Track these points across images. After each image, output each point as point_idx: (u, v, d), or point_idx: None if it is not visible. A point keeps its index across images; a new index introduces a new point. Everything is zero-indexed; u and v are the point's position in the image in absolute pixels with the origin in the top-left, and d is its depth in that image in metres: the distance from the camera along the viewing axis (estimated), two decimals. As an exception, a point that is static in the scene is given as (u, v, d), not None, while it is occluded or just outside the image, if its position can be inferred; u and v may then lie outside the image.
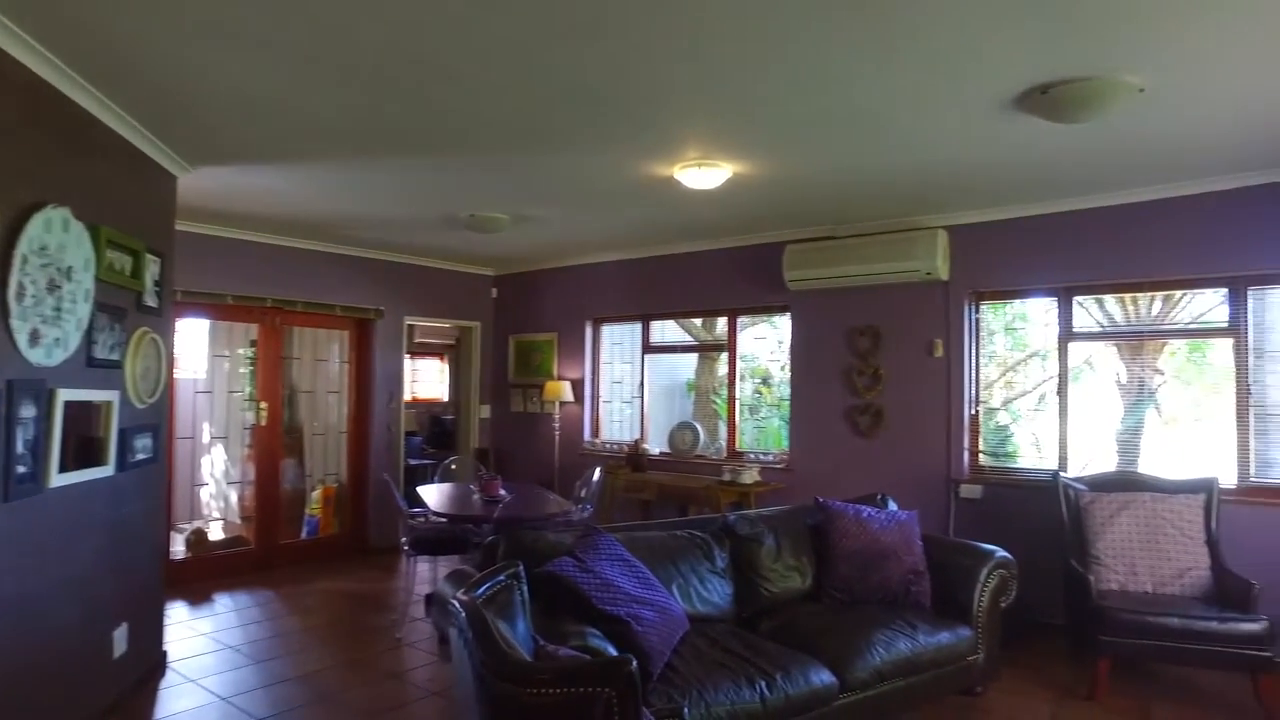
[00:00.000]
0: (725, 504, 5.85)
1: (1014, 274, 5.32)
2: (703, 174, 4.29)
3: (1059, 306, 5.25)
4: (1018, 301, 5.58)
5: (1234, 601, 3.87)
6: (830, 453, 5.98)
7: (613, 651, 2.62)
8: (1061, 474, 4.69)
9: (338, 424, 7.18)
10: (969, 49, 2.87)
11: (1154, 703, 3.84)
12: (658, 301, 7.03)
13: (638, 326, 7.32)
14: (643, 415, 7.26)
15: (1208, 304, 5.21)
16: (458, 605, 1.71)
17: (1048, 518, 4.79)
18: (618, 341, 7.57)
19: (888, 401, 5.75)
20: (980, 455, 5.52)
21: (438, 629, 4.18)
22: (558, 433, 7.47)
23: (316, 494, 7.02)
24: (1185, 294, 5.20)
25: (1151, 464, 5.05)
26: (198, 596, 5.57)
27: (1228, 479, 4.56)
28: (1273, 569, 4.22)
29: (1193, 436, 5.50)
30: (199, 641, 4.66)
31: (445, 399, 10.69)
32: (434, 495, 5.40)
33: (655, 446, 7.10)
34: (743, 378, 6.86)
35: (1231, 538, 4.31)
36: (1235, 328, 4.72)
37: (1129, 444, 5.55)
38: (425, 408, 10.50)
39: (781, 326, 6.75)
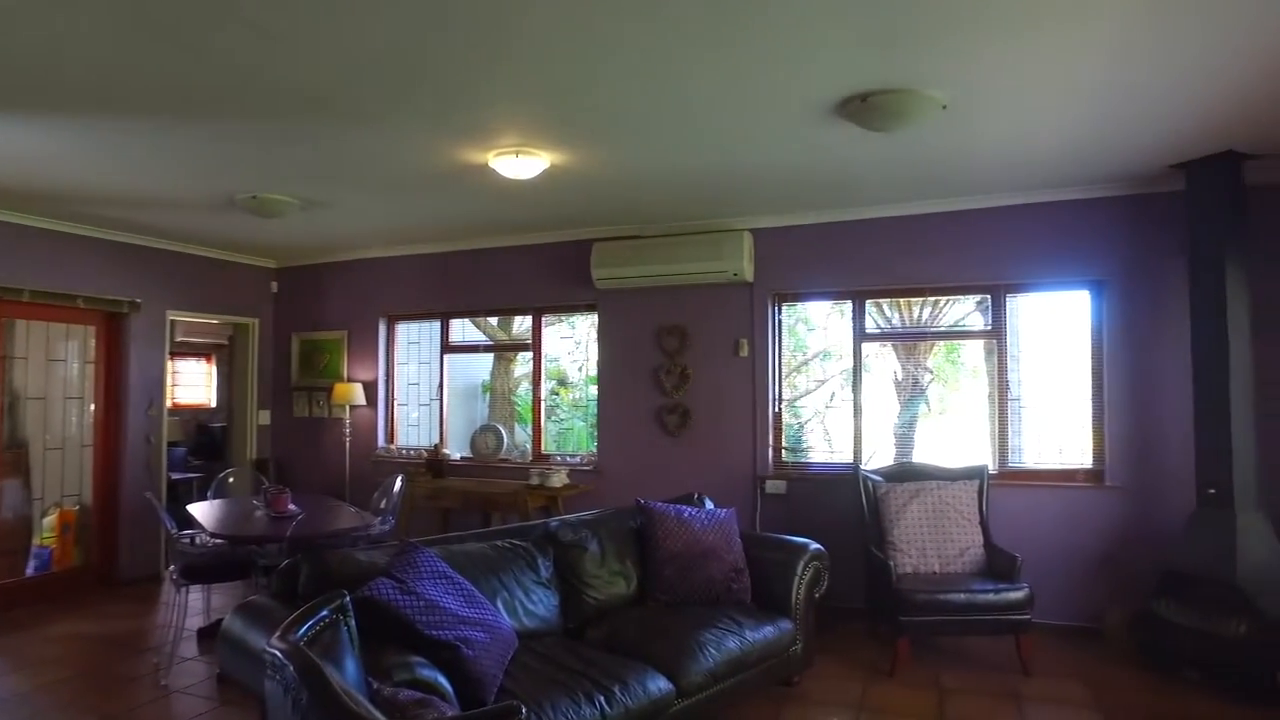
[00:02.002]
0: (534, 509, 5.67)
1: (814, 277, 5.59)
2: (520, 163, 4.07)
3: (853, 309, 5.60)
4: (809, 303, 5.87)
5: (1002, 573, 4.29)
6: (639, 453, 5.98)
7: (444, 681, 2.35)
8: (861, 467, 4.98)
9: (79, 436, 6.09)
10: (802, 51, 2.92)
11: (942, 672, 4.16)
12: (460, 299, 6.68)
13: (437, 325, 6.92)
14: (442, 418, 6.87)
15: (964, 310, 5.81)
16: (280, 655, 1.39)
17: (846, 509, 5.09)
18: (415, 341, 7.11)
19: (695, 401, 5.84)
20: (783, 452, 5.76)
21: (223, 669, 3.61)
22: (348, 439, 6.87)
23: (50, 520, 5.90)
24: (948, 300, 5.77)
25: (924, 454, 5.54)
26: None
27: (986, 464, 5.04)
28: (1028, 542, 4.76)
29: (957, 428, 6.12)
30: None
31: (213, 404, 9.53)
32: (208, 514, 4.70)
33: (456, 451, 6.74)
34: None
35: (996, 517, 4.80)
36: (996, 331, 5.28)
37: (905, 436, 6.07)
38: (190, 415, 9.29)
39: (581, 326, 6.67)
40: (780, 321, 5.82)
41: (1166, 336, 4.71)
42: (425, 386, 6.99)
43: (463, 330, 7.01)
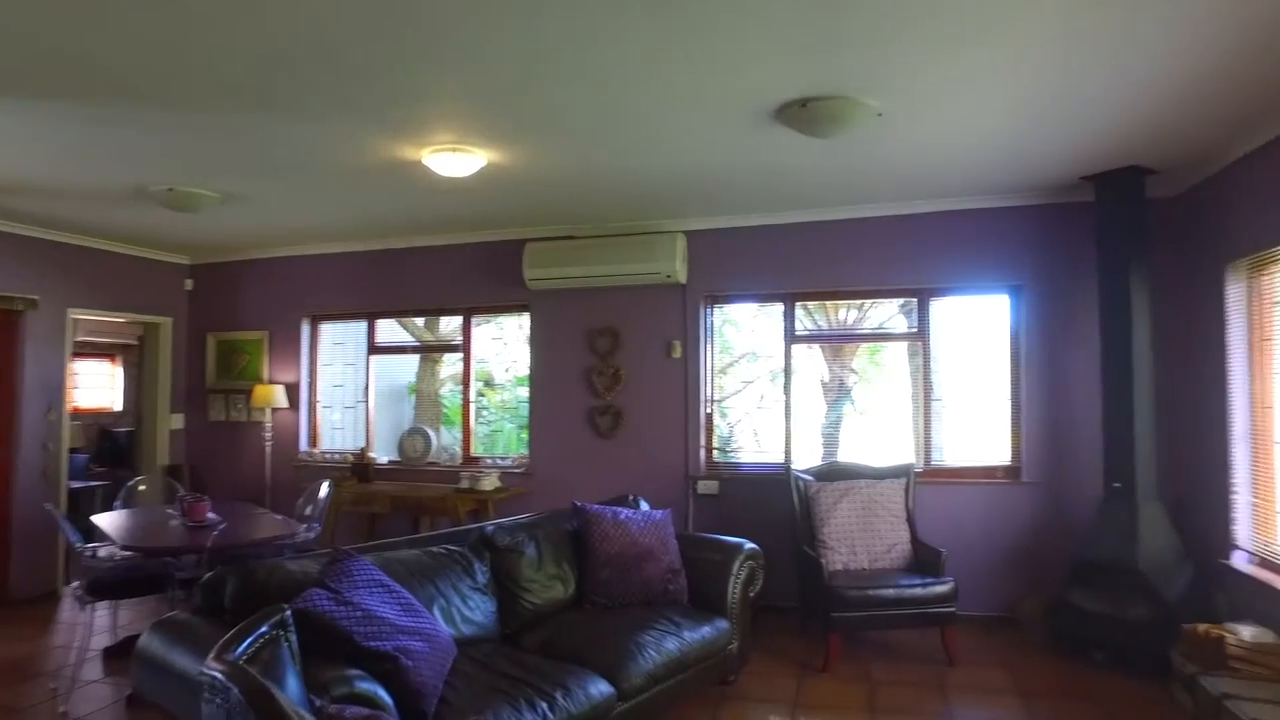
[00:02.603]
0: (465, 513, 5.59)
1: (746, 279, 5.67)
2: (457, 160, 4.00)
3: (784, 311, 5.70)
4: (735, 304, 5.93)
5: (928, 568, 4.44)
6: (571, 455, 5.95)
7: (383, 694, 2.28)
8: (793, 467, 5.07)
9: (-34, 443, 5.68)
10: (744, 55, 2.95)
11: (872, 665, 4.29)
12: (388, 298, 6.51)
13: (363, 325, 6.73)
14: (368, 421, 6.69)
15: (888, 312, 6.00)
16: (221, 676, 1.31)
17: (776, 508, 5.17)
18: (340, 341, 6.89)
19: (627, 402, 5.85)
20: (715, 452, 5.82)
21: (136, 691, 3.41)
22: (269, 444, 6.62)
23: (-70, 535, 5.48)
24: (872, 303, 5.94)
25: (849, 454, 5.68)
26: None
27: (913, 462, 5.21)
28: (951, 537, 4.94)
29: (880, 428, 6.30)
30: None
31: (118, 408, 9.03)
32: (117, 524, 4.44)
33: (383, 455, 6.57)
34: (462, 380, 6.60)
35: (921, 514, 4.97)
36: (921, 333, 5.46)
37: (831, 436, 6.21)
38: (92, 420, 8.77)
39: (508, 326, 6.60)
40: (712, 323, 5.89)
41: (1078, 339, 4.96)
42: (351, 388, 6.79)
43: (390, 331, 6.83)
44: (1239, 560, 4.16)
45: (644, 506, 4.40)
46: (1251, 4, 2.60)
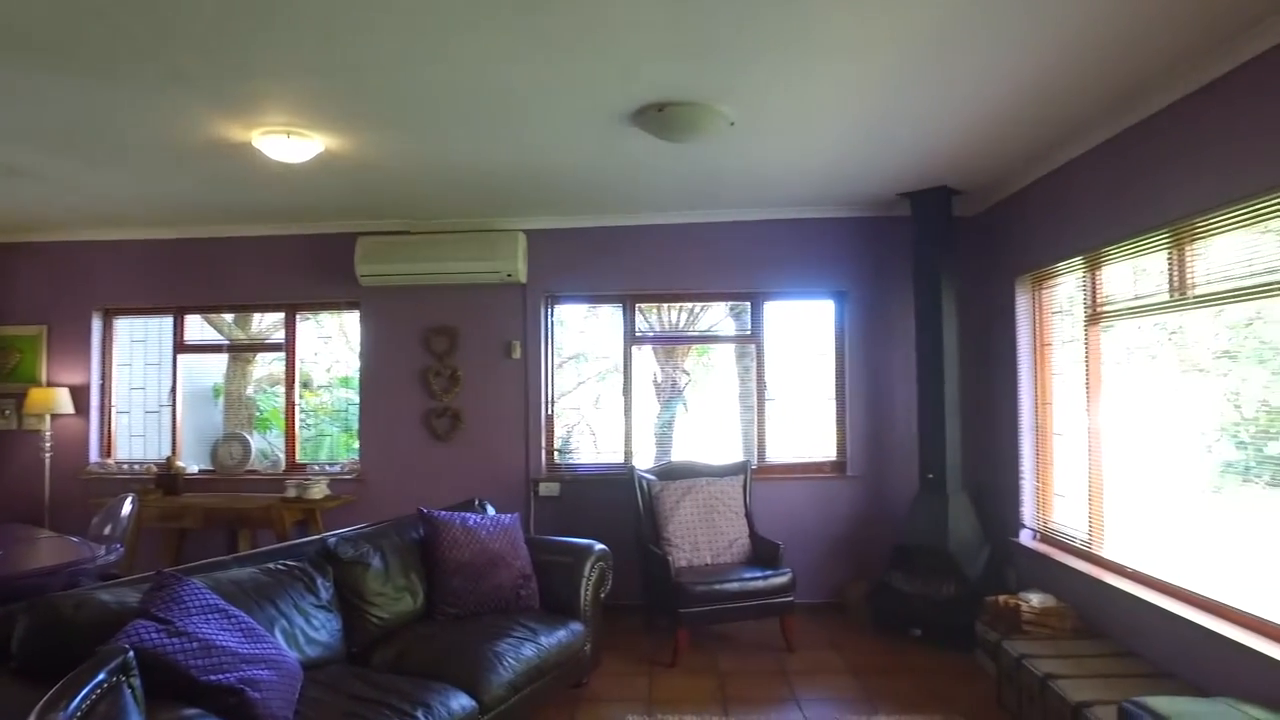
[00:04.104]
0: (290, 524, 5.20)
1: (587, 280, 5.68)
2: (291, 144, 3.70)
3: (624, 312, 5.77)
4: (570, 305, 5.92)
5: (767, 560, 4.66)
6: (407, 459, 5.70)
7: (230, 732, 2.06)
8: (636, 467, 5.14)
9: None
10: (606, 54, 2.95)
11: (718, 657, 4.44)
12: (199, 292, 5.91)
13: (169, 320, 6.07)
14: (174, 427, 6.05)
15: (718, 315, 6.23)
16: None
17: (617, 508, 5.24)
18: (140, 339, 6.17)
19: (466, 404, 5.69)
20: (555, 454, 5.79)
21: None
22: (49, 455, 5.80)
23: None
24: (703, 306, 6.14)
25: (682, 453, 5.85)
26: None
27: (750, 459, 5.46)
28: (785, 530, 5.23)
29: (711, 427, 6.52)
30: None
31: None
32: None
33: (193, 464, 5.97)
34: (278, 381, 6.15)
35: (758, 509, 5.21)
36: (754, 335, 5.72)
37: (664, 436, 6.37)
38: None
39: (330, 325, 6.23)
40: (553, 324, 5.85)
41: (895, 343, 5.41)
42: (154, 391, 6.09)
43: (202, 328, 6.21)
44: (1025, 537, 4.71)
45: (490, 511, 4.31)
46: (1030, 62, 3.08)
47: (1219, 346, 3.33)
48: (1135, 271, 3.78)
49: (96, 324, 6.01)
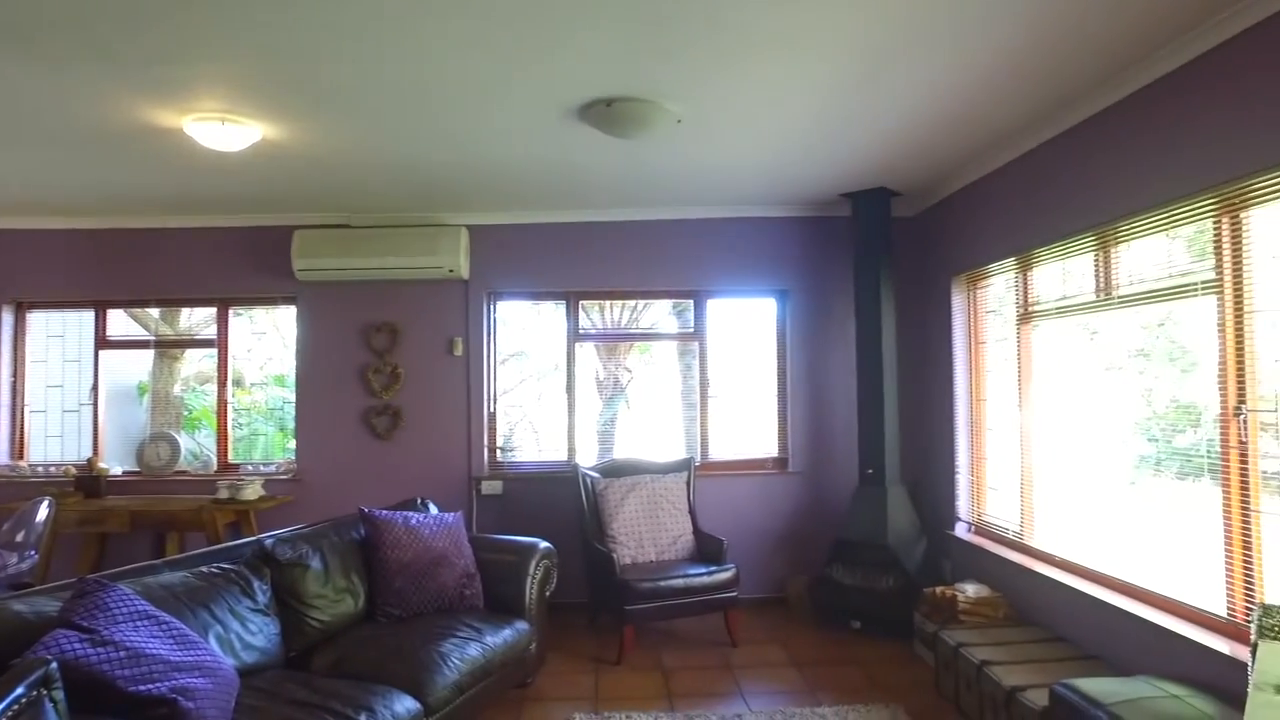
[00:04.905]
0: (223, 526, 5.02)
1: (530, 276, 5.63)
2: (225, 132, 3.56)
3: (568, 309, 5.73)
4: (512, 301, 5.83)
5: (711, 556, 4.70)
6: (345, 458, 5.56)
7: (164, 743, 1.98)
8: (580, 465, 5.12)
9: None
10: (554, 47, 2.92)
11: (663, 653, 4.45)
12: (123, 285, 5.63)
13: (90, 315, 5.79)
14: (96, 427, 5.77)
15: (660, 312, 6.26)
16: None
17: (560, 506, 5.22)
18: (57, 334, 5.87)
19: (407, 401, 5.58)
20: (498, 452, 5.72)
21: None
22: (-47, 457, 5.48)
23: None
24: (645, 303, 6.16)
25: (624, 450, 5.86)
26: None
27: (693, 457, 5.49)
28: (728, 526, 5.28)
29: (653, 424, 6.55)
30: None
31: None
32: None
33: (116, 465, 5.71)
34: (208, 379, 5.95)
35: (702, 505, 5.25)
36: (697, 333, 5.76)
37: (607, 434, 6.37)
38: None
39: (264, 321, 6.05)
40: (495, 320, 5.78)
41: (836, 341, 5.51)
42: (73, 389, 5.80)
43: (126, 323, 5.94)
44: (961, 530, 4.86)
45: (433, 510, 4.24)
46: (964, 71, 3.20)
47: (1134, 346, 3.50)
48: (1064, 273, 3.93)
49: (7, 317, 5.68)
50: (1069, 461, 3.91)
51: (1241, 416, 2.81)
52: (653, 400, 6.72)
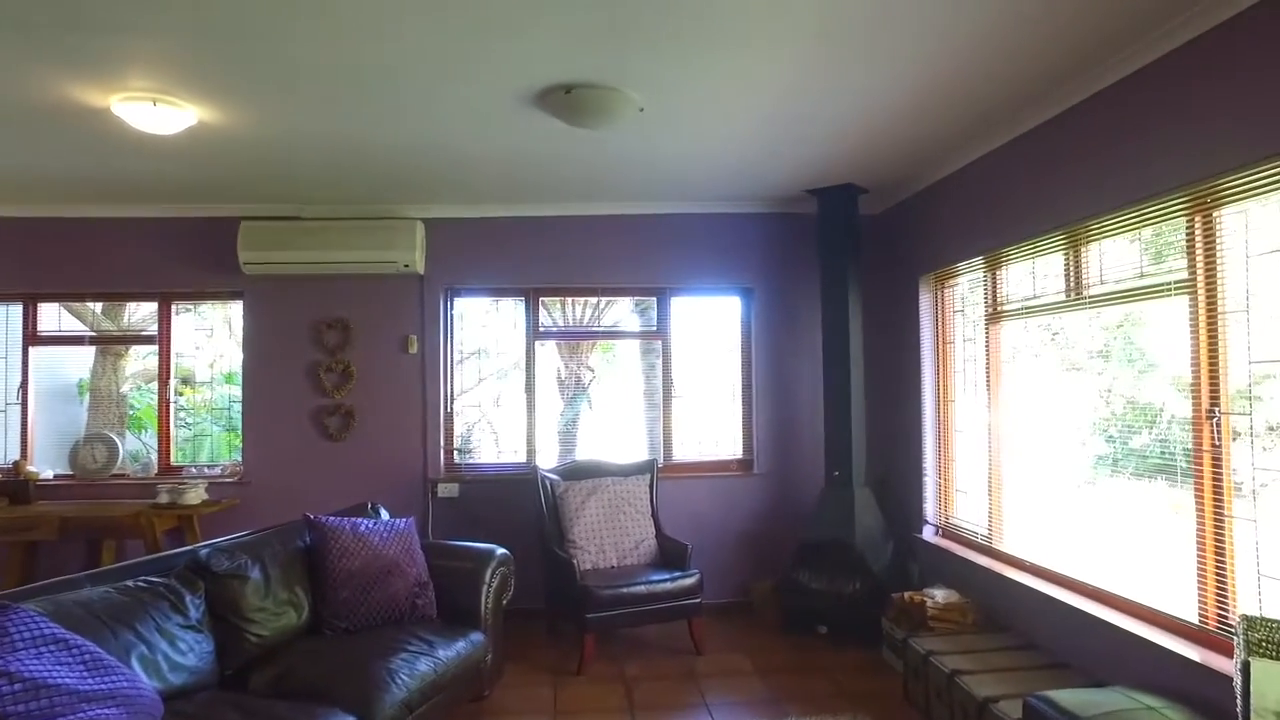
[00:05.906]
0: (162, 532, 4.75)
1: (489, 272, 5.44)
2: (158, 113, 3.32)
3: (527, 306, 5.56)
4: (469, 298, 5.65)
5: (675, 562, 4.56)
6: (295, 460, 5.33)
7: (66, 783, 1.78)
8: (539, 467, 4.95)
9: None
10: (512, 30, 2.76)
11: (625, 663, 4.31)
12: (56, 278, 5.33)
13: (18, 309, 5.47)
14: (25, 428, 5.46)
15: (623, 310, 6.11)
16: None
17: (519, 509, 5.05)
18: (-18, 329, 5.54)
19: (360, 401, 5.37)
20: (455, 453, 5.53)
21: None
22: None
23: None
24: (608, 301, 6.01)
25: (586, 451, 5.71)
26: None
27: (656, 458, 5.35)
28: (692, 529, 5.16)
29: (616, 425, 6.40)
30: None
31: None
32: None
33: (47, 468, 5.40)
34: (154, 377, 5.66)
35: (665, 508, 5.12)
36: (661, 331, 5.62)
37: (569, 434, 6.21)
38: None
39: (211, 317, 5.78)
40: (453, 317, 5.59)
41: (802, 340, 5.41)
42: (-1, 388, 5.48)
43: (59, 318, 5.62)
44: (928, 533, 4.79)
45: (384, 515, 4.05)
46: (930, 67, 3.13)
47: (1094, 347, 3.45)
48: (1034, 273, 3.87)
49: (-74, 312, 5.35)
50: (1037, 463, 3.85)
51: (1215, 419, 2.76)
52: (615, 400, 6.57)
